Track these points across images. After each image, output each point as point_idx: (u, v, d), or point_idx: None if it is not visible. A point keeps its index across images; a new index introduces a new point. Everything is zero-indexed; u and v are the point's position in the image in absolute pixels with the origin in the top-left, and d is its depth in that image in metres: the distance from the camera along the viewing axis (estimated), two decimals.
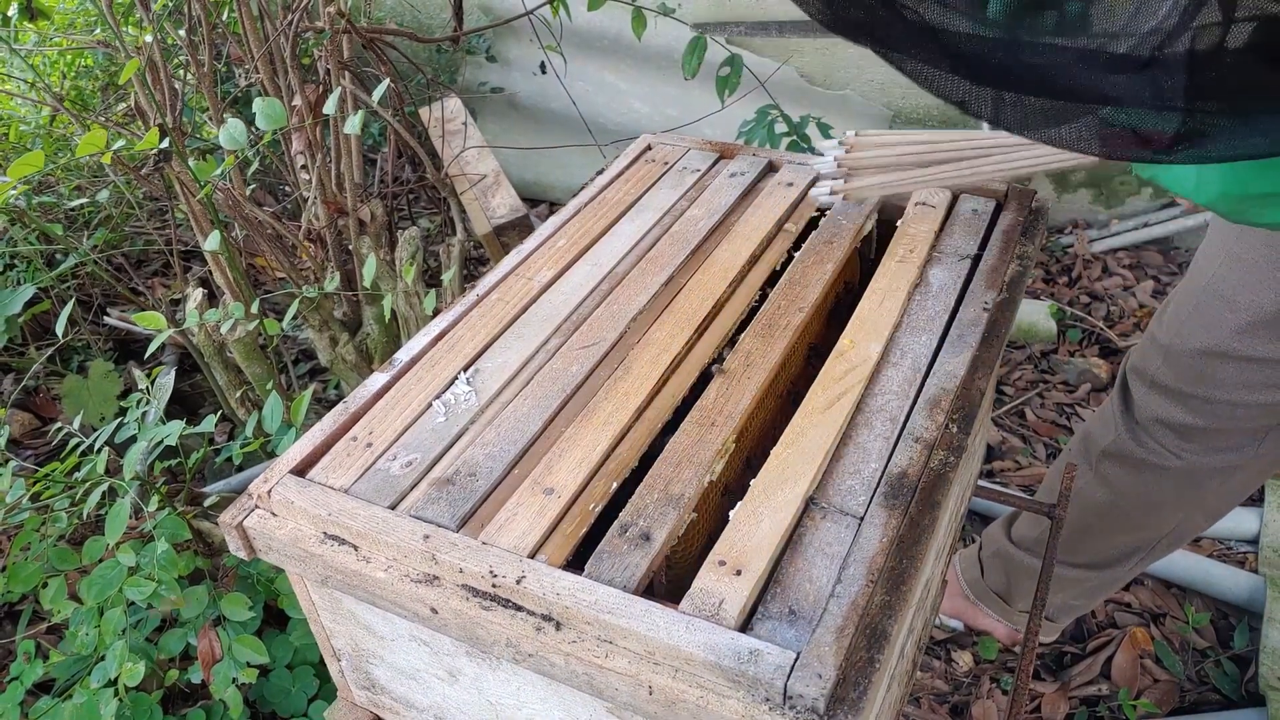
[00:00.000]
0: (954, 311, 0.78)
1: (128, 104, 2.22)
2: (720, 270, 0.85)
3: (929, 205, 0.91)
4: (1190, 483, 1.19)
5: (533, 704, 0.66)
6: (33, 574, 1.20)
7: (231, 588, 1.33)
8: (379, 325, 1.71)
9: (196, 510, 1.44)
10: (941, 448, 0.66)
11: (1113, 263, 2.39)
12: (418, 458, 0.68)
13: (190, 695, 1.43)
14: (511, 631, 0.58)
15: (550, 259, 0.89)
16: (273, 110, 1.16)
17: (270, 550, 0.67)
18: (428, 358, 0.78)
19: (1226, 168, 0.67)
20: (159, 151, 1.33)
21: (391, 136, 1.90)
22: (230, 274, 1.61)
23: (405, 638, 0.69)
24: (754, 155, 1.03)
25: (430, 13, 2.82)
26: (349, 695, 0.81)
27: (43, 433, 1.95)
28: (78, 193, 2.18)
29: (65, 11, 2.45)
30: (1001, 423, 2.00)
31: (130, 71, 1.18)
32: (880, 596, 0.56)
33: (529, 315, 0.82)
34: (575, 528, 0.62)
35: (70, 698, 1.17)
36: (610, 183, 1.01)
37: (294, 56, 1.56)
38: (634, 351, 0.77)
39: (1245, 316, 1.05)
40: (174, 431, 1.21)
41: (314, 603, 0.73)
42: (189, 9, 1.57)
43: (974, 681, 1.57)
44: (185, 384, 2.00)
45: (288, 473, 0.68)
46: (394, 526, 0.63)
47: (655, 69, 2.54)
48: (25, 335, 2.04)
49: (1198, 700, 1.51)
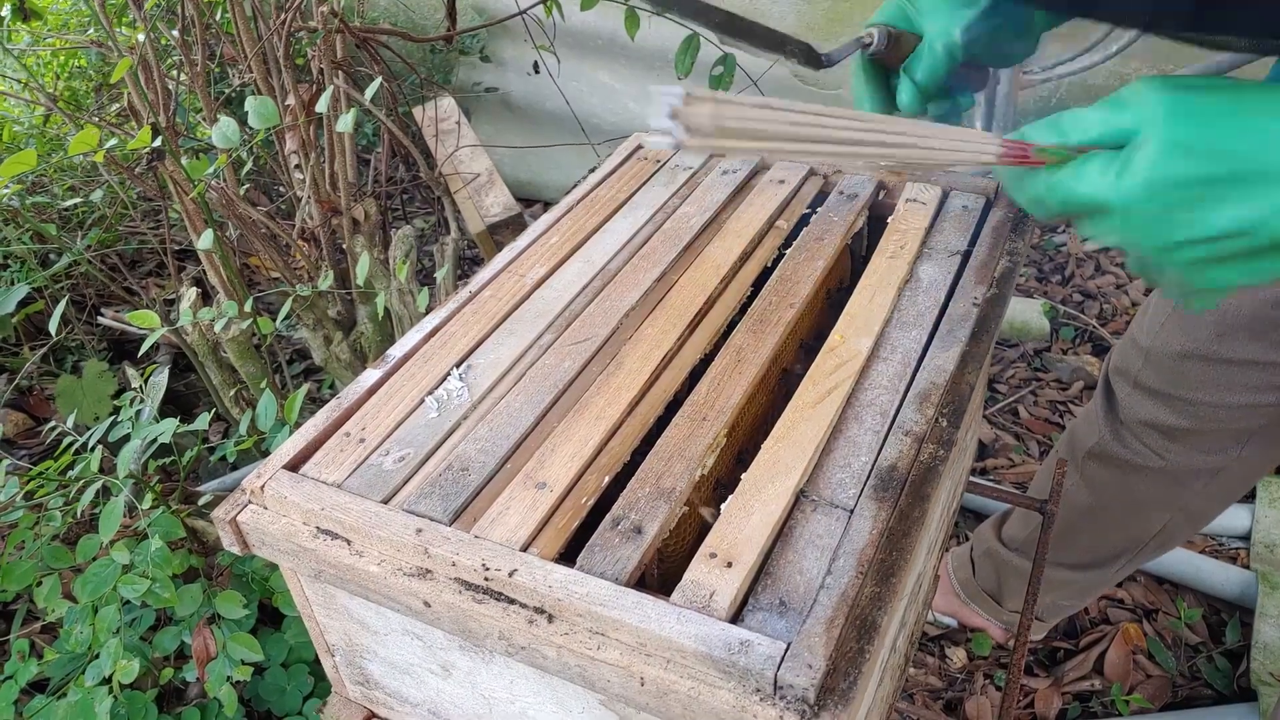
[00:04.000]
0: (944, 307, 0.79)
1: (121, 104, 2.21)
2: (712, 267, 0.86)
3: (919, 202, 0.92)
4: (1174, 483, 1.20)
5: (526, 697, 0.66)
6: (27, 572, 1.20)
7: (226, 586, 1.33)
8: (373, 324, 1.71)
9: (191, 509, 1.44)
10: (931, 441, 0.66)
11: (1105, 261, 2.40)
12: (411, 453, 0.69)
13: (185, 694, 1.43)
14: (504, 624, 0.58)
15: (543, 256, 0.90)
16: (266, 109, 1.17)
17: (264, 545, 0.68)
18: (421, 354, 0.78)
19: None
20: (152, 150, 1.34)
21: (385, 136, 1.90)
22: (224, 273, 1.62)
23: (399, 632, 0.70)
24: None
25: (424, 13, 2.82)
26: (343, 691, 0.81)
27: (36, 432, 1.95)
28: (71, 192, 2.18)
29: (58, 12, 2.44)
30: (995, 420, 2.01)
31: (123, 70, 1.18)
32: (870, 588, 0.56)
33: (521, 312, 0.83)
34: (567, 521, 0.62)
35: (65, 696, 1.17)
36: (602, 180, 1.01)
37: (287, 56, 1.56)
38: (626, 347, 0.77)
39: (1222, 319, 1.06)
40: (168, 430, 1.21)
41: (308, 598, 0.74)
42: (182, 9, 1.57)
43: (968, 678, 1.57)
44: (179, 383, 2.00)
45: (281, 468, 0.68)
46: (387, 521, 0.63)
47: (649, 68, 2.54)
48: (19, 335, 2.04)
49: (1190, 695, 1.52)
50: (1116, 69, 2.21)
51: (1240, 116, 0.52)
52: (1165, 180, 0.53)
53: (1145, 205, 0.54)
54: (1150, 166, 0.53)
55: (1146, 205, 0.54)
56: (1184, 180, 0.52)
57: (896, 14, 0.87)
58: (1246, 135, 0.52)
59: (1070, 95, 2.29)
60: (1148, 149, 0.53)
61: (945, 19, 0.85)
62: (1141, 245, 0.56)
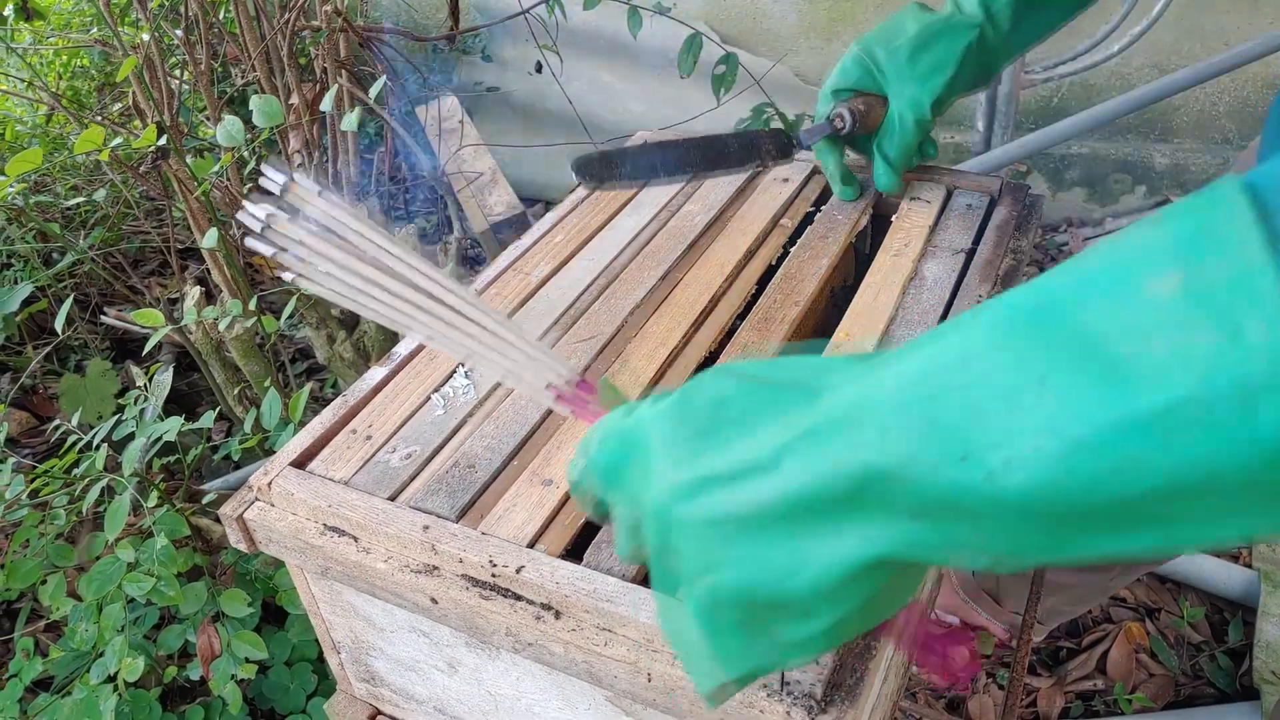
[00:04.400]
0: (948, 305, 0.79)
1: (124, 103, 2.22)
2: (717, 265, 0.86)
3: (923, 200, 0.92)
4: None
5: (532, 694, 0.66)
6: (31, 570, 1.20)
7: (230, 584, 1.33)
8: (376, 323, 1.71)
9: (195, 507, 1.44)
10: None
11: None
12: (417, 450, 0.69)
13: (189, 692, 1.43)
14: (511, 621, 0.58)
15: (548, 254, 0.90)
16: (270, 108, 1.17)
17: (270, 542, 0.68)
18: (426, 351, 0.79)
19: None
20: (156, 149, 1.34)
21: (388, 135, 1.90)
22: (228, 272, 1.62)
23: (405, 629, 0.70)
24: None
25: (426, 12, 2.83)
26: (348, 688, 0.81)
27: (40, 431, 1.95)
28: (75, 192, 2.18)
29: (61, 12, 2.45)
30: None
31: (128, 69, 1.19)
32: None
33: (526, 309, 0.83)
34: (574, 518, 0.63)
35: (69, 694, 1.17)
36: None
37: (291, 55, 1.56)
38: (631, 345, 0.77)
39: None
40: (172, 428, 1.21)
41: (314, 595, 0.74)
42: (186, 8, 1.58)
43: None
44: (183, 382, 2.00)
45: (288, 465, 0.68)
46: (394, 517, 0.63)
47: (651, 68, 2.54)
48: (23, 334, 2.04)
49: (1192, 694, 1.52)
50: (1118, 68, 2.21)
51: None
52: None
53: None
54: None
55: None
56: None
57: (863, 76, 0.87)
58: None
59: (1071, 94, 2.30)
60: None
61: (914, 89, 0.86)
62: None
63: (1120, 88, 2.22)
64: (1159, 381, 0.28)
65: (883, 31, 0.86)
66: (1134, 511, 0.30)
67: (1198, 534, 0.30)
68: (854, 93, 0.88)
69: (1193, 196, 0.29)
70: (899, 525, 0.34)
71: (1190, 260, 0.28)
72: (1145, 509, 0.30)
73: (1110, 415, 0.29)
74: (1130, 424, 0.28)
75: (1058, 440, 0.30)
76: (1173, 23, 2.07)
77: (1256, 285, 0.26)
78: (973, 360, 0.32)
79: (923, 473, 0.33)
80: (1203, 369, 0.27)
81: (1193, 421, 0.27)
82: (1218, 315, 0.27)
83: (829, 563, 0.35)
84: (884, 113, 0.89)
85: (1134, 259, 0.30)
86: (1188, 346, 0.27)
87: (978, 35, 0.84)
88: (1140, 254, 0.30)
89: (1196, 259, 0.28)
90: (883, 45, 0.85)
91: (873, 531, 0.35)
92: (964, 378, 0.32)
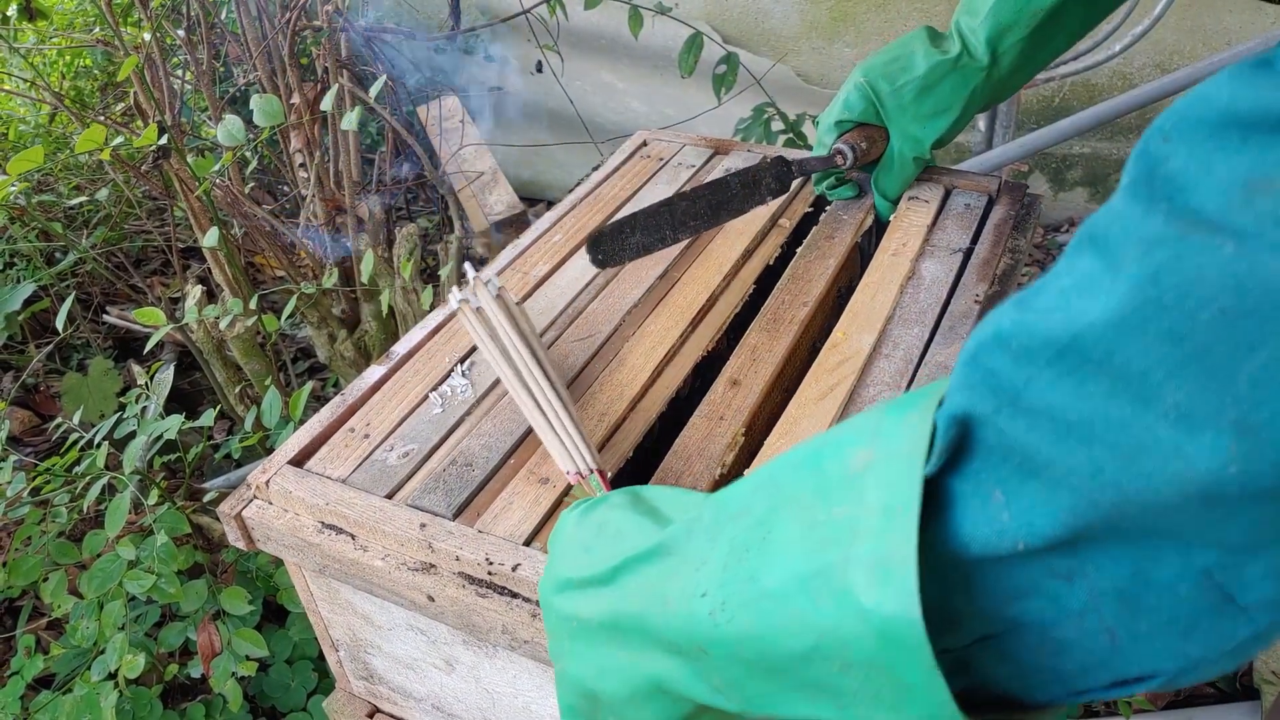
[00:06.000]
0: (946, 304, 0.79)
1: (126, 103, 2.22)
2: (715, 264, 0.86)
3: (922, 199, 0.92)
4: None
5: (529, 691, 0.66)
6: (33, 568, 1.21)
7: (231, 582, 1.34)
8: (377, 322, 1.72)
9: (196, 505, 1.45)
10: None
11: None
12: (415, 448, 0.69)
13: (190, 689, 1.43)
14: (507, 618, 0.59)
15: (547, 253, 0.90)
16: (271, 107, 1.17)
17: (269, 540, 0.68)
18: (425, 350, 0.79)
19: None
20: (158, 148, 1.34)
21: (389, 134, 1.90)
22: (229, 271, 1.62)
23: (402, 627, 0.70)
24: (749, 151, 1.04)
25: (428, 12, 2.83)
26: (347, 685, 0.82)
27: (42, 430, 1.96)
28: (77, 191, 2.19)
29: (64, 12, 2.45)
30: None
31: (129, 68, 1.19)
32: None
33: (525, 308, 0.83)
34: None
35: (70, 691, 1.18)
36: (606, 178, 1.02)
37: (292, 55, 1.56)
38: (629, 344, 0.77)
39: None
40: (173, 426, 1.21)
41: (312, 593, 0.74)
42: (187, 8, 1.58)
43: None
44: (184, 381, 2.01)
45: (286, 463, 0.69)
46: (391, 515, 0.63)
47: (652, 68, 2.54)
48: (25, 333, 2.05)
49: (1192, 694, 1.52)
50: (1120, 68, 2.21)
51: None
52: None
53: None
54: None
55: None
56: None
57: (865, 107, 0.87)
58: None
59: (1073, 94, 2.29)
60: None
61: (917, 129, 0.86)
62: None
63: (1122, 87, 2.22)
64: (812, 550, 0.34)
65: (890, 64, 0.85)
66: (796, 671, 0.34)
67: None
68: (856, 124, 0.88)
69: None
70: (661, 658, 0.40)
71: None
72: (800, 670, 0.34)
73: (791, 570, 0.34)
74: (797, 582, 0.33)
75: (753, 587, 0.35)
76: (1175, 23, 2.07)
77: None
78: (729, 503, 0.39)
79: (671, 609, 0.38)
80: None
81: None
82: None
83: (621, 677, 0.42)
84: (884, 146, 0.89)
85: (829, 446, 0.36)
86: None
87: (984, 79, 0.84)
88: (834, 444, 0.35)
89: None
90: (889, 81, 0.85)
91: (645, 658, 0.40)
92: (718, 523, 0.39)
